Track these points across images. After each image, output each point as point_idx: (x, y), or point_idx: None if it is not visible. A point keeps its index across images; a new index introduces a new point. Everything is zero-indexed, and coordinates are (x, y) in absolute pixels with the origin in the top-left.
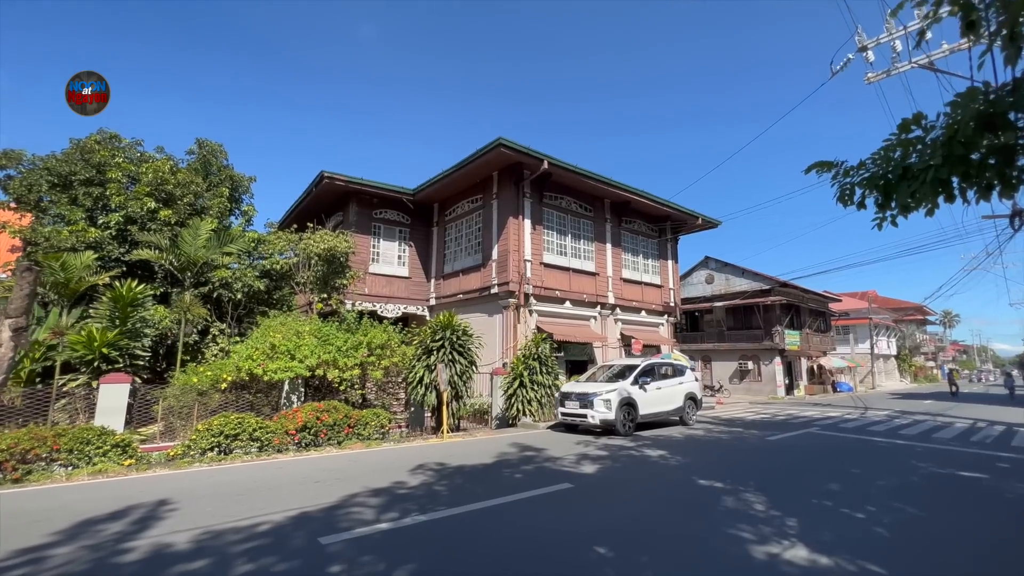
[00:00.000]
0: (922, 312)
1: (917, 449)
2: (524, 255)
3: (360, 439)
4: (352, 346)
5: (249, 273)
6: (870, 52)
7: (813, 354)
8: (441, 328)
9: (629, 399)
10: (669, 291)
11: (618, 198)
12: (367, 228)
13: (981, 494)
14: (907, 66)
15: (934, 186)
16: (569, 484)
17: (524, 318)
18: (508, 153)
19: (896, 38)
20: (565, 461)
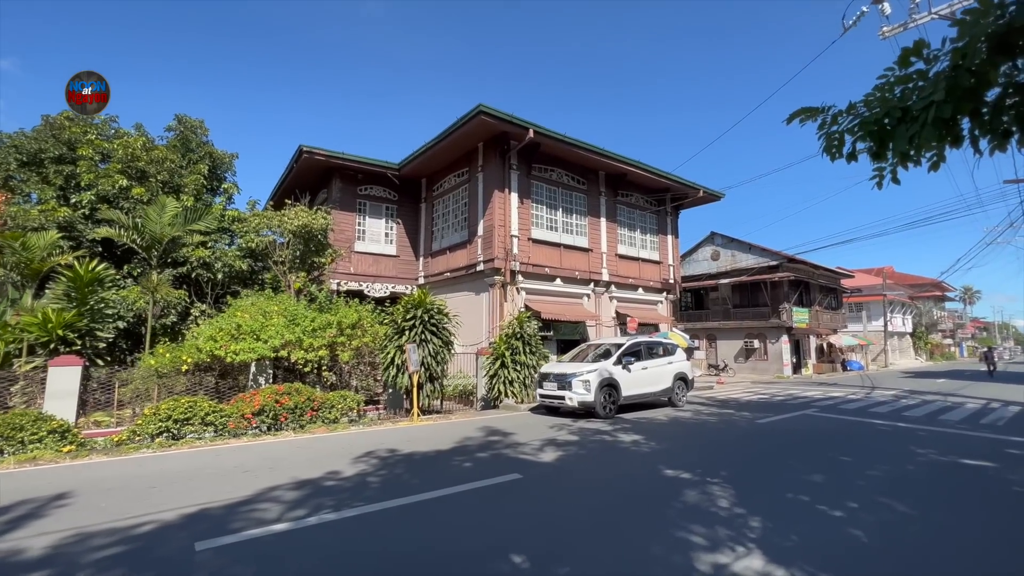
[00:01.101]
0: (940, 288)
1: (919, 433)
2: (510, 230)
3: (326, 423)
4: (320, 326)
5: (230, 253)
6: (886, 3)
7: (823, 332)
8: (413, 306)
9: (611, 380)
10: (668, 267)
11: (613, 170)
12: (351, 205)
13: (985, 487)
14: (926, 17)
15: (936, 128)
16: (518, 475)
17: (511, 296)
18: (490, 121)
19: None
20: (528, 448)
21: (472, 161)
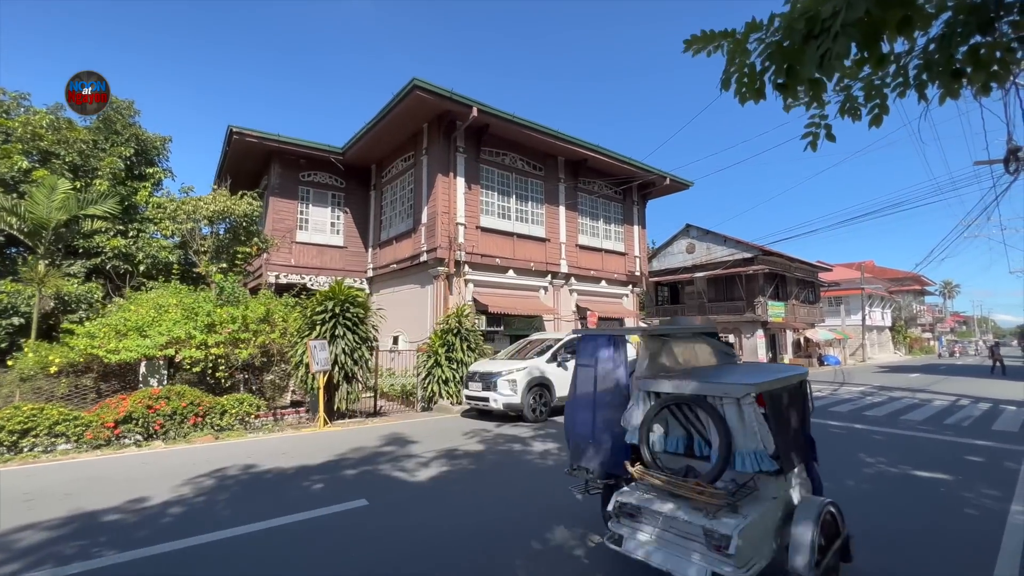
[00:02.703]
0: (920, 282)
1: (875, 437)
2: (456, 218)
3: (216, 430)
4: (219, 320)
5: (155, 243)
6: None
7: (799, 326)
8: (327, 298)
9: (542, 379)
10: (635, 259)
11: (572, 155)
12: (292, 192)
13: (931, 510)
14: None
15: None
16: (365, 501)
17: (458, 288)
18: (428, 98)
19: None
20: (414, 461)
21: (418, 144)
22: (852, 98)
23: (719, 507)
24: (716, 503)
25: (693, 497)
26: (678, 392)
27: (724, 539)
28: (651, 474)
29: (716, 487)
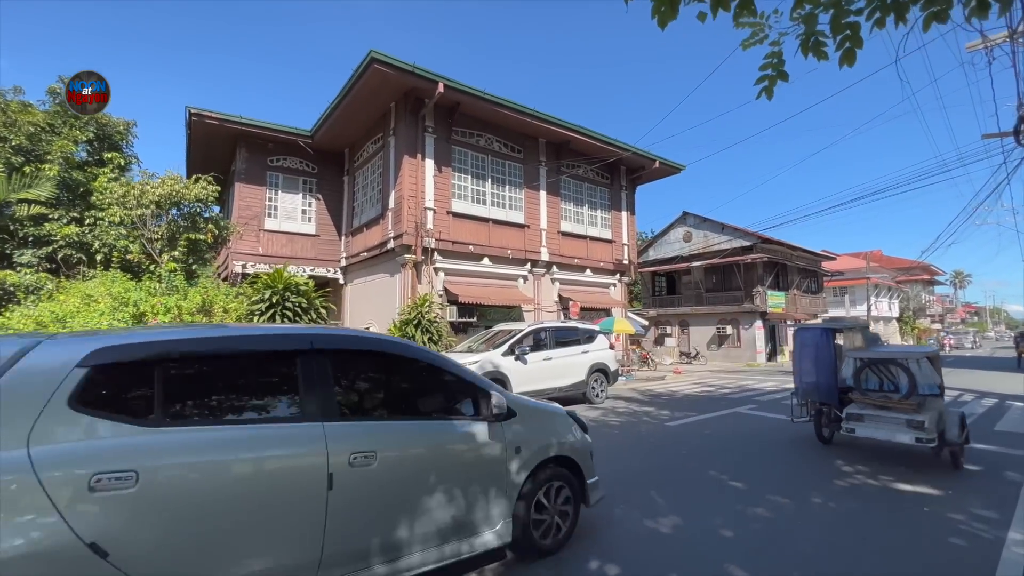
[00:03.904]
0: (929, 271)
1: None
2: (424, 202)
3: None
4: (150, 311)
5: (113, 232)
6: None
7: (801, 317)
8: (265, 286)
9: (496, 374)
10: (623, 247)
11: (554, 136)
12: (260, 178)
13: (907, 539)
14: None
15: None
16: None
17: (428, 277)
18: (388, 72)
19: None
20: None
21: (387, 125)
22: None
23: (914, 409)
24: (911, 407)
25: (896, 406)
26: (879, 356)
27: (920, 423)
28: (867, 398)
29: (909, 401)
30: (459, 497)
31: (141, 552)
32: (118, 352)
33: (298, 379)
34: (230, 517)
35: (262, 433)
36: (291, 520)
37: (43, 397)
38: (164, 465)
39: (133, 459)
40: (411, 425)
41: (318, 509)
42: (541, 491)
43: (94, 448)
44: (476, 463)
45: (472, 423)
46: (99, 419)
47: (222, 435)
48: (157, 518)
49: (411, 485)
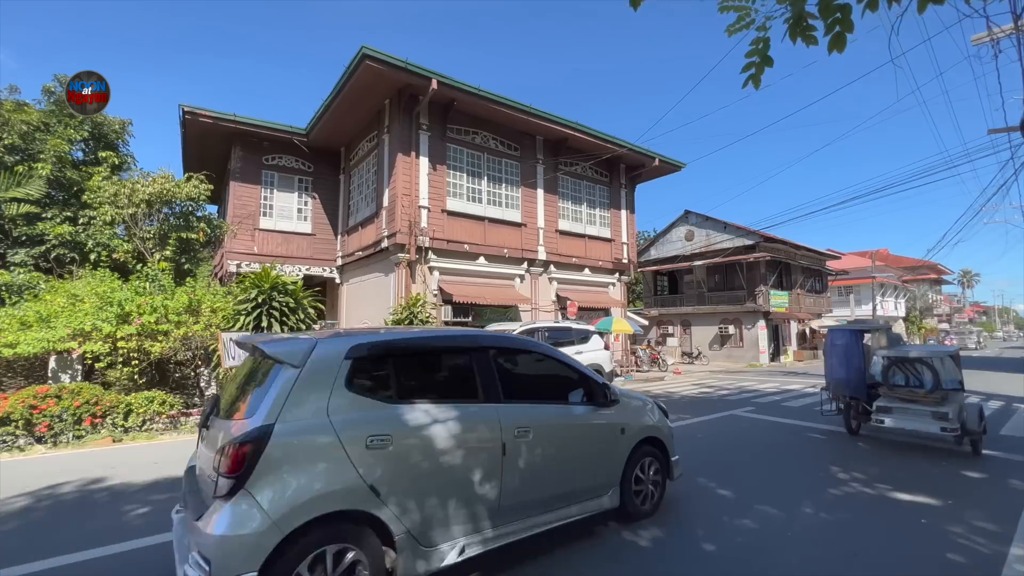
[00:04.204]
0: (936, 271)
1: (859, 444)
2: (418, 200)
3: (121, 431)
4: (136, 311)
5: (106, 231)
6: None
7: (804, 316)
8: (251, 286)
9: None
10: (622, 246)
11: (551, 134)
12: (255, 176)
13: (901, 553)
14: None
15: None
16: (170, 536)
17: (422, 276)
18: (381, 69)
19: None
20: None
21: (381, 123)
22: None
23: (938, 402)
24: (936, 400)
25: (922, 399)
26: (907, 355)
27: (945, 414)
28: (895, 392)
29: (934, 396)
30: (586, 467)
31: (397, 491)
32: (366, 348)
33: (474, 370)
34: (447, 468)
35: (462, 410)
36: (482, 474)
37: (331, 380)
38: (405, 430)
39: (388, 426)
40: (551, 408)
41: (497, 469)
42: (638, 465)
43: (365, 418)
44: (597, 440)
45: (592, 408)
46: (364, 396)
47: (436, 409)
48: (405, 468)
49: (553, 456)
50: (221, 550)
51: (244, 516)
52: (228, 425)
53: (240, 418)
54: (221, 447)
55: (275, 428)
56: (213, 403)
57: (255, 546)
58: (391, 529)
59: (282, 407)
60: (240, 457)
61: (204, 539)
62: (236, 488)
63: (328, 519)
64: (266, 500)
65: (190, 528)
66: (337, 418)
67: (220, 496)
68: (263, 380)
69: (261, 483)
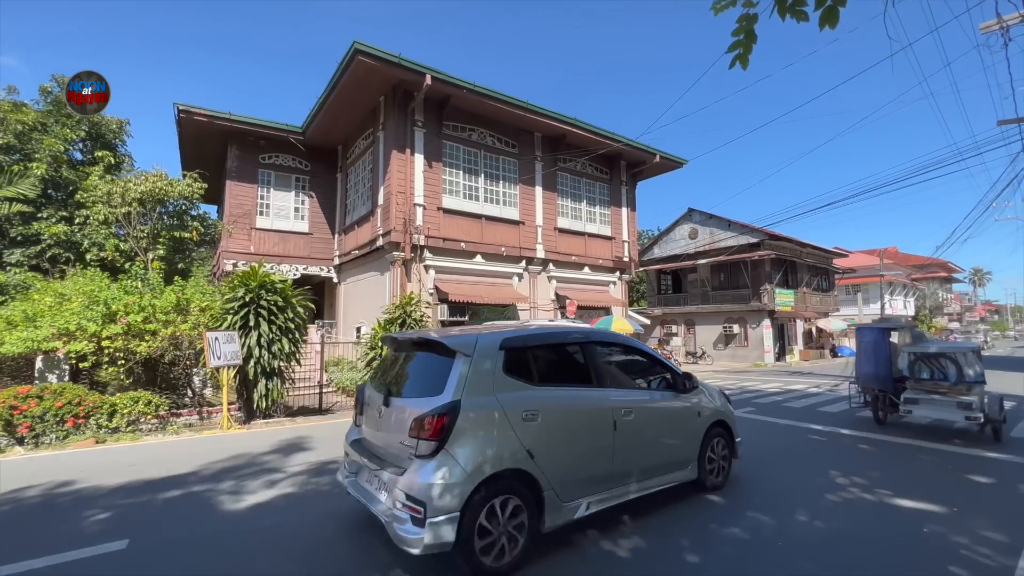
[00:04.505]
0: (946, 268)
1: (860, 446)
2: (413, 198)
3: (105, 431)
4: (123, 310)
5: (102, 231)
6: None
7: (810, 315)
8: (239, 285)
9: None
10: (623, 244)
11: (550, 130)
12: (252, 175)
13: (902, 567)
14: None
15: None
16: (122, 544)
17: (417, 275)
18: (373, 65)
19: None
20: (262, 480)
21: (377, 120)
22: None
23: (962, 393)
24: (960, 391)
25: (947, 391)
26: (932, 351)
27: (968, 404)
28: (921, 385)
29: (958, 387)
30: (673, 443)
31: (544, 456)
32: (513, 341)
33: (587, 360)
34: (576, 439)
35: (583, 392)
36: (600, 445)
37: (494, 366)
38: (546, 407)
39: (535, 403)
40: (645, 392)
41: (610, 442)
42: (711, 444)
43: (519, 396)
44: (680, 421)
45: (676, 394)
46: (515, 379)
47: (565, 391)
48: (548, 438)
49: (649, 432)
50: (433, 495)
51: (448, 470)
52: (417, 402)
53: (427, 396)
54: (420, 418)
55: (462, 403)
56: (362, 390)
57: (458, 492)
58: (541, 485)
59: (464, 387)
60: (440, 425)
61: (415, 488)
62: (438, 449)
63: (500, 475)
64: (461, 458)
65: (389, 483)
66: (500, 396)
67: (422, 456)
68: (435, 366)
69: (456, 445)
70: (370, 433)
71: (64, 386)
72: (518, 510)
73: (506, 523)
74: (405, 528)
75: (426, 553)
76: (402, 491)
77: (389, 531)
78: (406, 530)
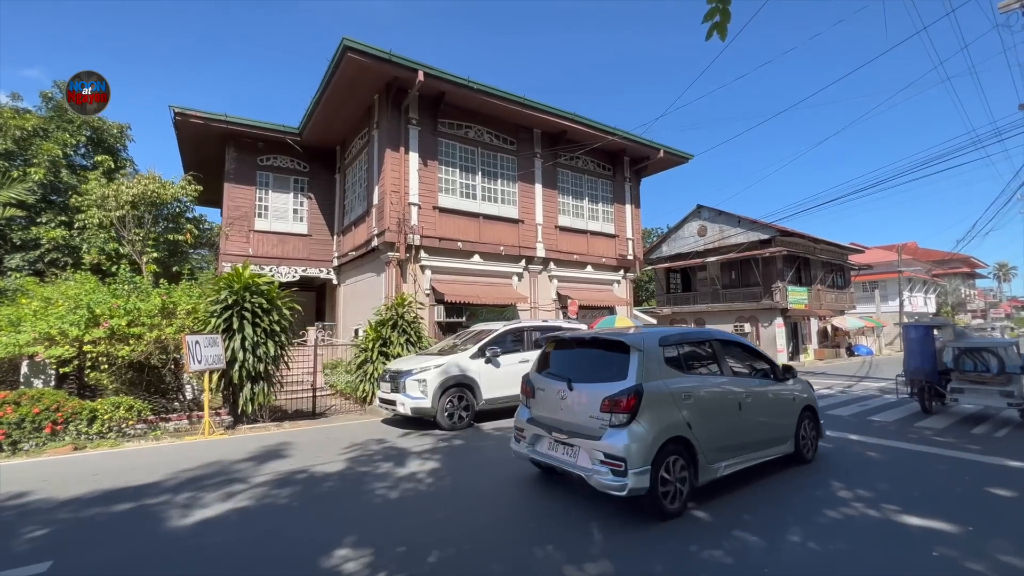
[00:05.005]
0: (969, 264)
1: (869, 454)
2: (408, 197)
3: (84, 438)
4: (106, 314)
5: (100, 235)
6: None
7: (825, 313)
8: (223, 287)
9: (462, 378)
10: (627, 242)
11: (549, 126)
12: (250, 178)
13: None
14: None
15: None
16: (42, 567)
17: (413, 276)
18: (364, 62)
19: None
20: (221, 492)
21: (372, 119)
22: None
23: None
24: (1002, 381)
25: (990, 381)
26: (975, 346)
27: (1010, 392)
28: (966, 376)
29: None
30: (777, 422)
31: (697, 428)
32: (667, 339)
33: (716, 354)
34: (715, 415)
35: (718, 379)
36: (731, 421)
37: (658, 357)
38: (695, 390)
39: (688, 387)
40: (758, 380)
41: (738, 420)
42: (802, 425)
43: (676, 381)
44: (781, 404)
45: (777, 381)
46: (672, 368)
47: (706, 379)
48: (698, 414)
49: (763, 414)
50: (631, 453)
51: (641, 435)
52: (604, 387)
53: (612, 382)
54: (612, 397)
55: (643, 386)
56: (529, 380)
57: (648, 451)
58: (696, 449)
59: (643, 373)
60: (632, 402)
61: (614, 449)
62: (630, 420)
63: (672, 440)
64: (647, 426)
65: (585, 447)
66: (665, 380)
67: (617, 425)
68: (613, 359)
69: (642, 417)
70: (548, 411)
71: (43, 391)
72: (683, 467)
73: (676, 476)
74: (607, 478)
75: (630, 495)
76: (600, 452)
77: (591, 482)
78: (609, 480)
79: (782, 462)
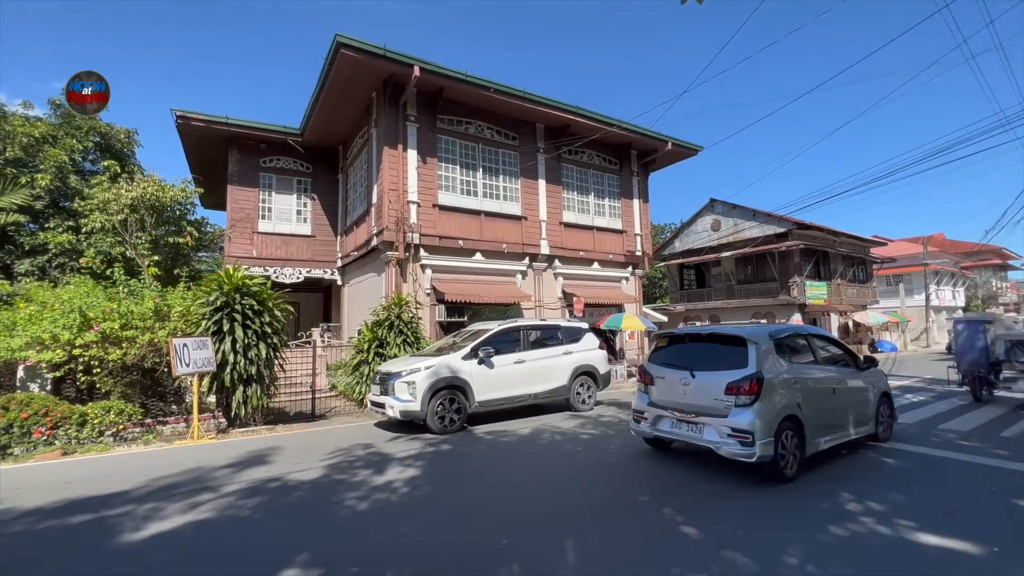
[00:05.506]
0: (1000, 255)
1: (885, 460)
2: (407, 195)
3: (75, 443)
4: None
5: (107, 239)
6: None
7: (846, 308)
8: (212, 288)
9: (453, 380)
10: (635, 237)
11: (552, 120)
12: (253, 179)
13: None
14: None
15: None
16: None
17: (413, 275)
18: (359, 58)
19: None
20: (186, 502)
21: (370, 117)
22: None
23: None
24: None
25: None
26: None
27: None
28: (1018, 367)
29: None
30: (860, 406)
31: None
32: (775, 333)
33: (811, 346)
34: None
35: (816, 368)
36: (828, 404)
37: (771, 349)
38: (801, 377)
39: (794, 374)
40: (845, 370)
41: (832, 403)
42: (879, 409)
43: (786, 368)
44: (863, 390)
45: (859, 371)
46: (781, 358)
47: (807, 367)
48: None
49: (851, 398)
50: (757, 427)
51: (765, 412)
52: (727, 374)
53: (734, 370)
54: (736, 382)
55: (763, 373)
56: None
57: (770, 426)
58: (804, 425)
59: (761, 362)
60: (755, 385)
61: (741, 424)
62: (755, 400)
63: (787, 417)
64: (768, 405)
65: (714, 423)
66: (777, 367)
67: (742, 405)
68: (732, 350)
69: (764, 398)
70: (671, 396)
71: (32, 396)
72: (794, 440)
73: (792, 447)
74: (736, 449)
75: (759, 462)
76: (728, 427)
77: (721, 452)
78: (738, 450)
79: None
